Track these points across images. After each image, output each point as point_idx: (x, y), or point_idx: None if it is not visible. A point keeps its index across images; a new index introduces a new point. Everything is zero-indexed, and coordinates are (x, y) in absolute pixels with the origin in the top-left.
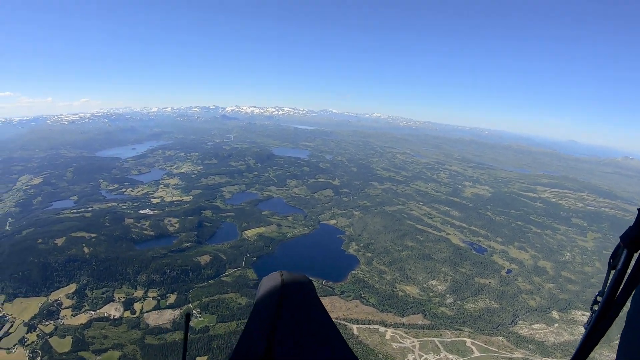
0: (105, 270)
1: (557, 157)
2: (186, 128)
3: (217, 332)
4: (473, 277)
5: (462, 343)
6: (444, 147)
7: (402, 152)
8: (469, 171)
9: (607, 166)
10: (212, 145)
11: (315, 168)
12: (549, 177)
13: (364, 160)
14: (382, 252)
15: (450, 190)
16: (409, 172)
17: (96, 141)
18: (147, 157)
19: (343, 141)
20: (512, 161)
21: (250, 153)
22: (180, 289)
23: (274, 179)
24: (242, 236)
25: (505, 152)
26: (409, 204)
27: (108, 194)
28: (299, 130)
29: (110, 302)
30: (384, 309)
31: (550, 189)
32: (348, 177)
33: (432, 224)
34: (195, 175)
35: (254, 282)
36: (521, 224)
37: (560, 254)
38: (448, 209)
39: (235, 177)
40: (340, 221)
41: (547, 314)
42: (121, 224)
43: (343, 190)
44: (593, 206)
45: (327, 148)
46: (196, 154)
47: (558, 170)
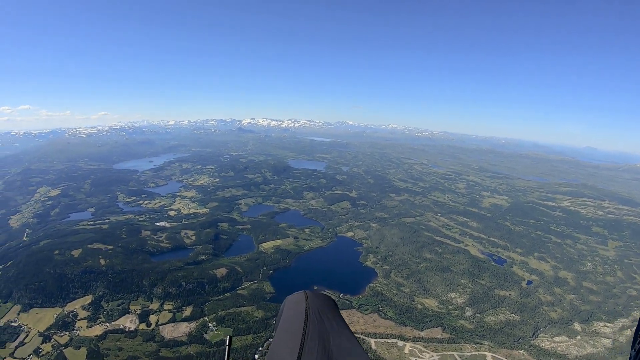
0: (121, 282)
1: (575, 164)
2: (203, 141)
3: (234, 346)
4: (493, 289)
5: (482, 357)
6: (461, 157)
7: (419, 162)
8: (486, 181)
9: (627, 172)
10: (229, 158)
11: (332, 180)
12: (567, 185)
13: (381, 172)
14: (400, 265)
15: (468, 201)
16: (426, 182)
17: (114, 154)
18: (164, 170)
19: (359, 153)
20: (530, 170)
21: (266, 165)
22: (196, 302)
23: (291, 191)
24: (259, 249)
25: (523, 161)
26: (427, 215)
27: (125, 206)
28: (315, 143)
29: (126, 314)
30: (403, 322)
31: (570, 197)
32: (365, 188)
33: (450, 235)
34: (211, 187)
35: (270, 296)
36: (541, 234)
37: (581, 264)
38: (466, 220)
39: (251, 189)
40: (358, 233)
41: (568, 326)
42: (138, 236)
43: (360, 202)
44: (613, 214)
45: (343, 160)
46: (213, 166)
47: (577, 178)
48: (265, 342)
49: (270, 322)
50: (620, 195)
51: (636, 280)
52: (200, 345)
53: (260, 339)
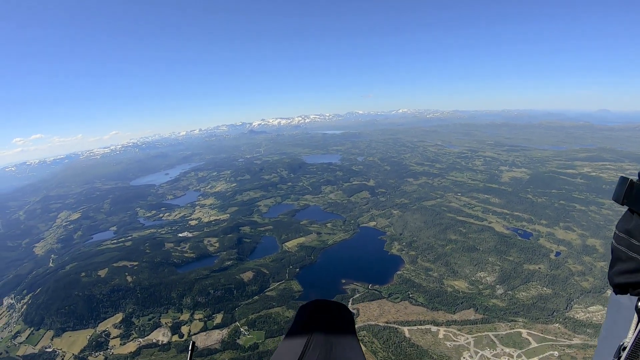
0: (149, 297)
1: (590, 129)
2: (216, 147)
3: (267, 348)
4: (521, 264)
5: (517, 335)
6: (475, 133)
7: (434, 144)
8: (503, 155)
9: None
10: (243, 161)
11: (349, 171)
12: (585, 151)
13: (396, 158)
14: (426, 249)
15: (487, 177)
16: (443, 163)
17: (129, 171)
18: (181, 181)
19: (373, 141)
20: (546, 139)
21: (281, 164)
22: (225, 308)
23: (309, 187)
24: (283, 248)
25: (538, 131)
26: (447, 196)
27: (146, 221)
28: (327, 136)
29: (158, 328)
30: (434, 307)
31: (589, 162)
32: (382, 176)
33: (473, 214)
34: (229, 192)
35: (299, 294)
36: (564, 203)
37: (608, 230)
38: (487, 197)
39: (269, 190)
40: (380, 222)
41: (602, 295)
42: (161, 249)
43: (379, 190)
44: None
45: (357, 150)
46: (228, 171)
47: (594, 143)
48: None
49: None
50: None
51: None
52: (233, 351)
53: None
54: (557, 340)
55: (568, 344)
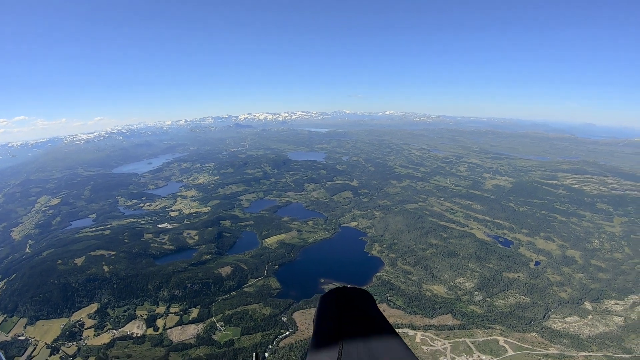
0: (125, 288)
1: (575, 141)
2: (201, 139)
3: (242, 345)
4: (501, 271)
5: (494, 342)
6: (460, 139)
7: (419, 147)
8: (487, 162)
9: (628, 147)
10: (228, 155)
11: (333, 170)
12: (569, 163)
13: (381, 159)
14: (406, 252)
15: (470, 184)
16: (427, 167)
17: (112, 158)
18: (163, 171)
19: (358, 141)
20: (531, 149)
21: (266, 160)
22: (202, 303)
23: (292, 184)
24: (263, 244)
25: (523, 140)
26: (430, 200)
27: (126, 210)
28: (313, 134)
29: (133, 320)
30: (412, 310)
31: (572, 174)
32: (366, 177)
33: (454, 219)
34: (212, 185)
35: (277, 292)
36: (545, 213)
37: (588, 242)
38: (470, 203)
39: (252, 184)
40: (362, 222)
41: (579, 306)
42: (140, 240)
43: (362, 191)
44: (617, 189)
45: (342, 149)
46: (212, 164)
47: (578, 155)
48: (275, 338)
49: (278, 319)
50: (623, 171)
51: None
52: (209, 347)
53: (270, 336)
54: (533, 349)
55: (544, 354)
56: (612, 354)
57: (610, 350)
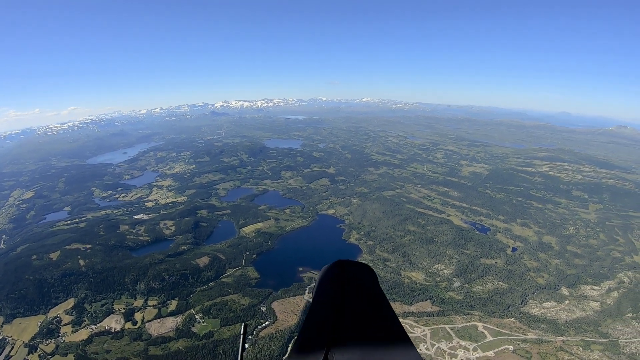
0: (102, 282)
1: (551, 129)
2: (176, 127)
3: (222, 337)
4: (478, 258)
5: (473, 328)
6: (437, 127)
7: (396, 134)
8: (464, 150)
9: (602, 136)
10: (204, 143)
11: (309, 157)
12: (545, 151)
13: (358, 146)
14: (384, 239)
15: (447, 171)
16: (404, 154)
17: (86, 148)
18: (139, 160)
19: (335, 128)
20: (507, 137)
21: (242, 147)
22: (180, 295)
23: (268, 172)
24: (240, 234)
25: (499, 128)
26: (407, 187)
27: (101, 201)
28: (289, 121)
29: (111, 315)
30: (391, 298)
31: (548, 162)
32: (343, 164)
33: (432, 206)
34: (188, 174)
35: (255, 281)
36: (522, 200)
37: (563, 228)
38: (447, 190)
39: (229, 173)
40: (339, 210)
41: (556, 291)
42: (116, 232)
43: (339, 178)
44: (592, 177)
45: (319, 136)
46: (188, 153)
47: (553, 143)
48: (255, 329)
49: (257, 309)
50: (597, 159)
51: (619, 242)
52: (188, 340)
53: (249, 327)
54: (512, 334)
55: (523, 339)
56: (590, 339)
57: (587, 334)
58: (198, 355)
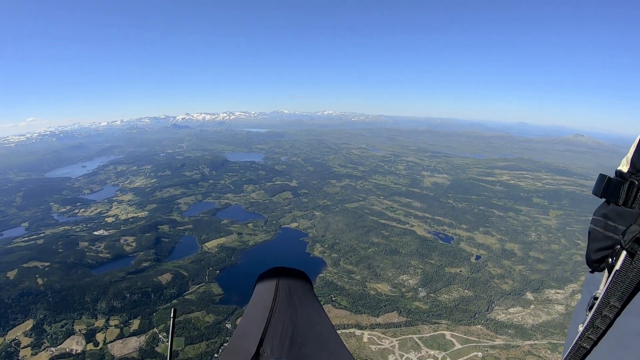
0: (62, 301)
1: (510, 139)
2: (137, 140)
3: (187, 356)
4: (443, 267)
5: (441, 337)
6: (399, 139)
7: (357, 147)
8: (425, 161)
9: (559, 144)
10: (165, 156)
11: (272, 171)
12: (504, 160)
13: (320, 159)
14: (348, 252)
15: (409, 182)
16: (366, 166)
17: (45, 162)
18: (99, 174)
19: (297, 141)
20: (467, 147)
21: (204, 161)
22: (143, 313)
23: (231, 186)
24: (203, 249)
25: (460, 139)
26: (370, 199)
27: (60, 216)
28: (252, 134)
29: (71, 336)
30: (357, 310)
31: (508, 171)
32: (305, 177)
33: (395, 217)
34: (149, 189)
35: (219, 297)
36: (484, 209)
37: (525, 235)
38: (409, 201)
39: (190, 187)
40: (302, 223)
41: (521, 297)
42: (75, 249)
43: (301, 191)
44: (551, 184)
45: (281, 149)
46: (149, 166)
47: (513, 153)
48: (221, 347)
49: (222, 326)
50: (556, 167)
51: (580, 246)
52: None
53: (215, 344)
54: (480, 341)
55: (491, 345)
56: (557, 341)
57: (554, 337)
58: None
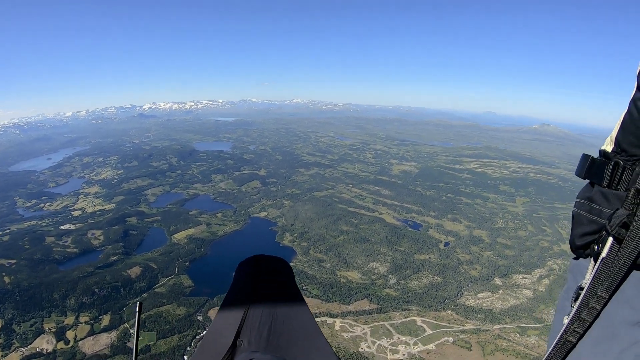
0: (30, 300)
1: (477, 128)
2: (103, 131)
3: (160, 350)
4: (412, 254)
5: (412, 323)
6: (367, 127)
7: (326, 135)
8: (394, 149)
9: (526, 134)
10: (132, 147)
11: (240, 160)
12: (472, 149)
13: (288, 147)
14: (318, 240)
15: (378, 170)
16: (335, 155)
17: (8, 155)
18: (64, 167)
19: (265, 130)
20: (435, 136)
21: (171, 151)
22: (113, 308)
23: (199, 176)
24: (172, 241)
25: (428, 128)
26: (339, 187)
27: (25, 211)
28: (219, 123)
29: (41, 335)
30: (329, 298)
31: (475, 159)
32: (274, 166)
33: (364, 205)
34: (115, 180)
35: (190, 289)
36: (452, 196)
37: (493, 222)
38: (378, 189)
39: (158, 178)
40: (271, 212)
41: (490, 282)
42: (42, 245)
43: (270, 180)
44: (518, 172)
45: (249, 138)
46: (115, 157)
47: (480, 141)
48: (193, 340)
49: (194, 319)
50: (522, 155)
51: (546, 232)
52: (124, 356)
53: (187, 337)
54: (450, 326)
55: (461, 330)
56: (525, 325)
57: (522, 321)
58: None
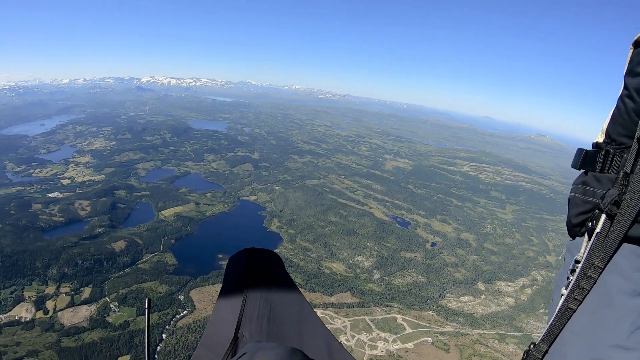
0: (12, 266)
1: (473, 132)
2: (99, 101)
3: (139, 327)
4: (398, 251)
5: (393, 320)
6: (364, 120)
7: (322, 124)
8: (389, 144)
9: (521, 142)
10: (126, 119)
11: (234, 141)
12: (467, 152)
13: (284, 133)
14: (306, 229)
15: (371, 164)
16: (330, 145)
17: (2, 118)
18: (57, 134)
19: (262, 113)
20: (431, 135)
21: (166, 126)
22: (94, 281)
23: (191, 154)
24: (159, 217)
25: (424, 126)
26: (331, 177)
27: (14, 176)
28: (217, 102)
29: (21, 303)
30: (312, 288)
31: (469, 162)
32: (267, 150)
33: (354, 197)
34: (107, 151)
35: (173, 268)
36: (442, 197)
37: (481, 226)
38: (370, 183)
39: (150, 152)
40: (261, 196)
41: (473, 286)
42: (28, 211)
43: (262, 164)
44: (510, 180)
45: (245, 120)
46: (109, 128)
47: (475, 145)
48: (172, 319)
49: (175, 297)
50: (516, 163)
51: (533, 242)
52: (103, 330)
53: (167, 316)
54: (430, 326)
55: (441, 331)
56: (505, 332)
57: (502, 328)
58: (113, 347)
